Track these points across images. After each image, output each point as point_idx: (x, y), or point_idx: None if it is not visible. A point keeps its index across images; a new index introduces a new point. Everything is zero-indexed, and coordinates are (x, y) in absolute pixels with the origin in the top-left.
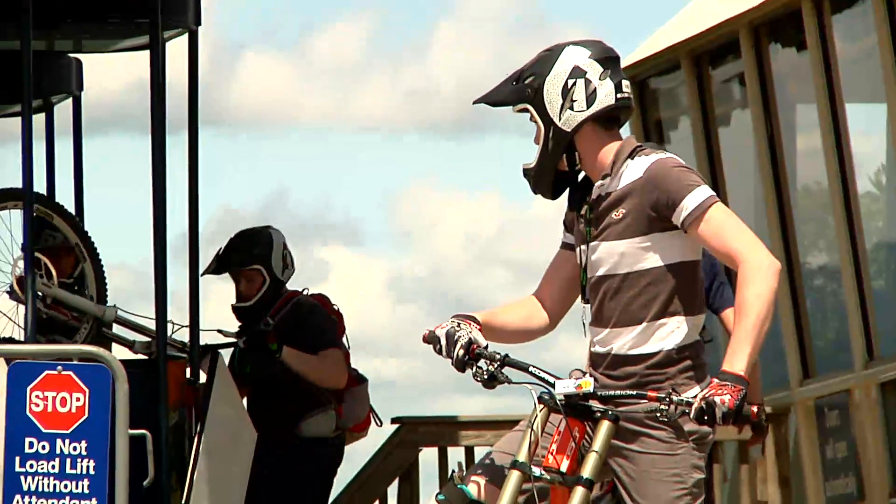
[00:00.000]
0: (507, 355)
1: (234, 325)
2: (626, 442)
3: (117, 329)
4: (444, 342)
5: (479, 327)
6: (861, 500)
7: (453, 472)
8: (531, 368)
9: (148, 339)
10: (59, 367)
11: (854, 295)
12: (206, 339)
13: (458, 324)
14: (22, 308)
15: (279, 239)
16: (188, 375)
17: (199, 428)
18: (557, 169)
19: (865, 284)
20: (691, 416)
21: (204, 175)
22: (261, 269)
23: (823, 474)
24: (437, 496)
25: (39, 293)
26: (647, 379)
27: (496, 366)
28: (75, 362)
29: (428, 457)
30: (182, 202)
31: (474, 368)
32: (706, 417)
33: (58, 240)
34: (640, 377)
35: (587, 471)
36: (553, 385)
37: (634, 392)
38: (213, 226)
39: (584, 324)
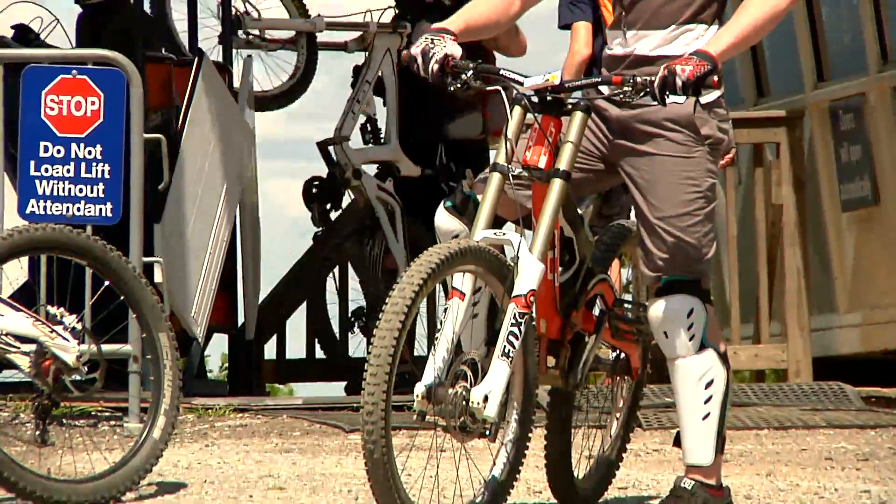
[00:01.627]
0: (479, 62)
1: None
2: (640, 144)
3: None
4: (420, 60)
5: (454, 38)
6: (876, 203)
7: (463, 180)
8: (502, 71)
9: (358, 31)
10: (74, 71)
11: None
12: None
13: (433, 40)
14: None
15: None
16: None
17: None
18: None
19: None
20: (655, 85)
21: None
22: None
23: (838, 177)
24: (444, 202)
25: (250, 29)
26: (651, 68)
27: (469, 74)
28: (90, 66)
29: None
30: None
31: (449, 80)
32: (667, 88)
33: None
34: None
35: (562, 162)
36: (522, 84)
37: (599, 78)
38: None
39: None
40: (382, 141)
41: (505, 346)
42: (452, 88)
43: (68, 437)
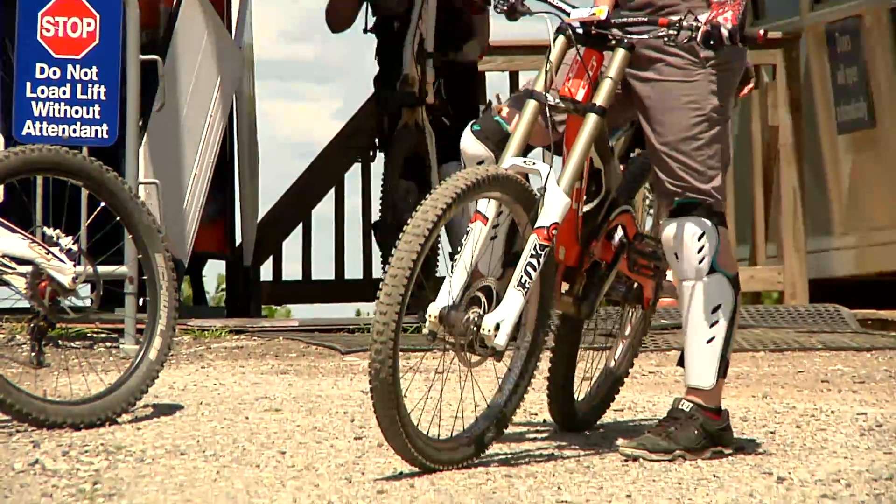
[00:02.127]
0: None
1: None
2: (644, 70)
3: None
4: None
5: None
6: (872, 125)
7: (489, 102)
8: None
9: None
10: None
11: None
12: None
13: None
14: None
15: None
16: None
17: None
18: None
19: None
20: (698, 40)
21: None
22: None
23: (834, 99)
24: (472, 126)
25: None
26: (663, 2)
27: None
28: None
29: None
30: None
31: (495, 2)
32: (712, 41)
33: None
34: (657, 3)
35: (600, 98)
36: (569, 14)
37: (646, 18)
38: None
39: None
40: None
41: (522, 277)
42: (499, 10)
43: (64, 359)
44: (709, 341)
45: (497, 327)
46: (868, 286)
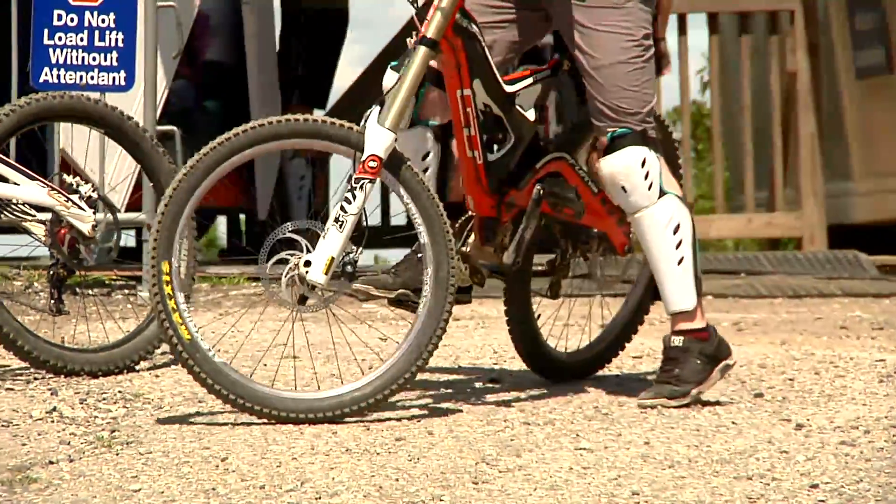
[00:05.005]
0: None
1: None
2: None
3: None
4: None
5: None
6: (890, 71)
7: (408, 38)
8: None
9: None
10: None
11: None
12: None
13: None
14: None
15: None
16: None
17: None
18: None
19: None
20: None
21: None
22: None
23: (852, 45)
24: (391, 65)
25: None
26: None
27: None
28: None
29: None
30: None
31: None
32: None
33: None
34: None
35: (429, 30)
36: None
37: None
38: None
39: None
40: None
41: (336, 212)
42: None
43: (82, 306)
44: (679, 262)
45: (307, 263)
46: (886, 232)
